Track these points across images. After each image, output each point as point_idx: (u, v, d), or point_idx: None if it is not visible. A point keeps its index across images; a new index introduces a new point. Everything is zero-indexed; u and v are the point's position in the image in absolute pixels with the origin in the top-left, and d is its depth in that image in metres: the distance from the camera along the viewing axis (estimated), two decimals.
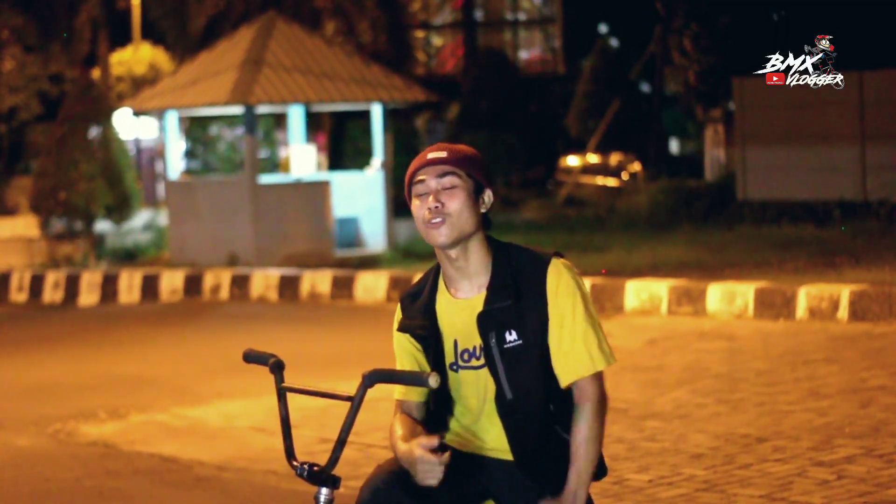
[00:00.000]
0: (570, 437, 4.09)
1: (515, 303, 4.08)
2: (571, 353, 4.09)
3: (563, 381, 4.11)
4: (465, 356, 4.16)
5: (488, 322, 4.09)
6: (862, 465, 7.38)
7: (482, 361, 4.13)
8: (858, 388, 9.54)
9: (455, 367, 4.17)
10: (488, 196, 4.17)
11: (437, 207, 4.09)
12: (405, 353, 4.26)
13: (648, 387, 10.02)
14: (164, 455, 8.99)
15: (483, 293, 4.14)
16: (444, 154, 4.13)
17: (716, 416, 8.91)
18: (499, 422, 4.15)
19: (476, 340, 4.13)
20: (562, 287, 4.10)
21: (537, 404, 4.10)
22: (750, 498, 6.90)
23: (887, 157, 21.30)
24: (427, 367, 4.21)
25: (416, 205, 4.15)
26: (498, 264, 4.14)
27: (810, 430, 8.27)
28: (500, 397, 4.10)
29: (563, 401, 4.13)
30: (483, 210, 4.15)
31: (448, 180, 4.11)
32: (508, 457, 4.15)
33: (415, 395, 4.22)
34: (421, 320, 4.18)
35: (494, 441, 4.17)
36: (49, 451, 9.31)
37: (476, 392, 4.16)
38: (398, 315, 4.28)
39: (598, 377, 4.12)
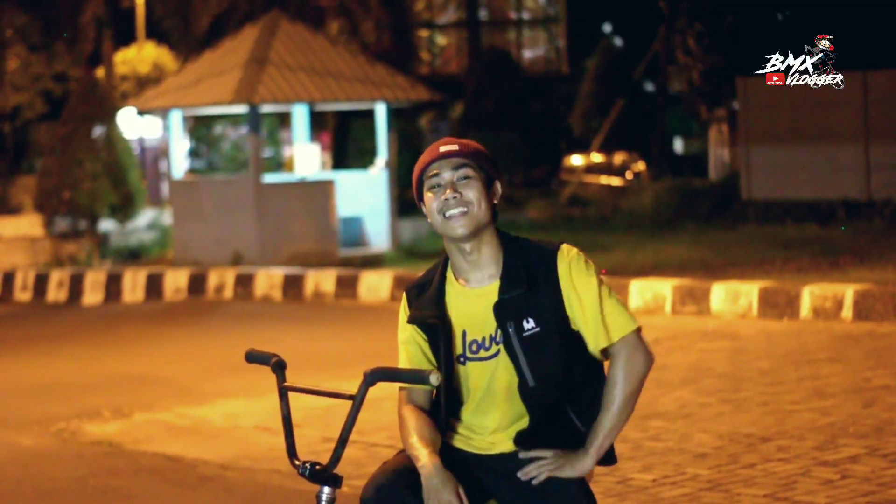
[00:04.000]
0: (605, 384, 4.15)
1: (529, 290, 4.12)
2: (609, 316, 4.13)
3: (604, 342, 4.13)
4: (474, 347, 4.17)
5: (505, 311, 4.12)
6: (866, 464, 7.38)
7: (492, 352, 4.15)
8: (862, 387, 9.54)
9: (462, 360, 4.19)
10: (498, 188, 4.24)
11: (455, 197, 4.13)
12: (412, 344, 4.25)
13: (652, 386, 10.01)
14: (168, 454, 9.00)
15: (495, 282, 4.17)
16: (455, 147, 4.19)
17: (720, 416, 8.91)
18: (500, 406, 4.16)
19: (487, 331, 4.15)
20: (573, 267, 4.15)
21: (557, 390, 4.14)
22: (754, 497, 6.89)
23: (891, 157, 21.29)
24: (433, 360, 4.21)
25: (429, 198, 4.18)
26: (508, 255, 4.18)
27: (814, 430, 8.26)
28: (522, 385, 4.12)
29: (580, 383, 4.17)
30: (495, 201, 4.21)
31: (463, 172, 4.16)
32: (508, 447, 4.17)
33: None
34: (432, 310, 4.19)
35: (495, 423, 4.18)
36: (53, 451, 9.32)
37: (482, 384, 4.18)
38: (404, 307, 4.29)
39: (640, 334, 4.18)
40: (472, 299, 4.18)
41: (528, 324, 4.11)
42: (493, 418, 4.19)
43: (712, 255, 17.15)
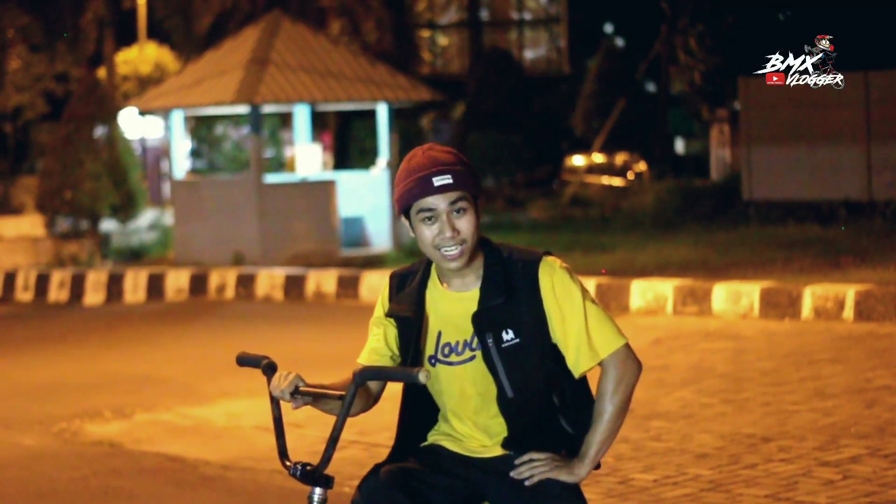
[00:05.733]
0: (597, 396, 4.12)
1: (509, 300, 4.08)
2: (595, 333, 4.08)
3: (590, 363, 4.09)
4: (446, 351, 4.14)
5: (484, 322, 4.08)
6: (867, 465, 7.38)
7: (464, 357, 4.12)
8: (864, 388, 9.54)
9: (433, 362, 4.16)
10: (482, 202, 4.17)
11: (453, 236, 4.06)
12: (379, 327, 4.21)
13: (654, 386, 10.01)
14: (170, 454, 9.00)
15: (475, 289, 4.13)
16: (450, 179, 4.05)
17: (721, 416, 8.91)
18: (474, 412, 4.14)
19: (462, 335, 4.12)
20: (556, 282, 4.09)
21: (538, 400, 4.11)
22: (755, 498, 6.90)
23: (893, 157, 21.28)
24: (395, 350, 4.18)
25: (422, 228, 4.09)
26: (490, 263, 4.13)
27: (815, 430, 8.26)
28: (501, 396, 4.10)
29: (569, 394, 4.14)
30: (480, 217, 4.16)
31: (458, 204, 4.06)
32: (496, 452, 4.16)
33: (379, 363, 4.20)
34: (409, 305, 4.17)
35: (473, 429, 4.16)
36: (54, 451, 9.32)
37: (450, 389, 4.15)
38: (385, 294, 4.26)
39: (630, 349, 4.13)
40: (452, 302, 4.15)
41: (508, 335, 4.07)
42: (467, 425, 4.17)
43: (714, 256, 17.14)
